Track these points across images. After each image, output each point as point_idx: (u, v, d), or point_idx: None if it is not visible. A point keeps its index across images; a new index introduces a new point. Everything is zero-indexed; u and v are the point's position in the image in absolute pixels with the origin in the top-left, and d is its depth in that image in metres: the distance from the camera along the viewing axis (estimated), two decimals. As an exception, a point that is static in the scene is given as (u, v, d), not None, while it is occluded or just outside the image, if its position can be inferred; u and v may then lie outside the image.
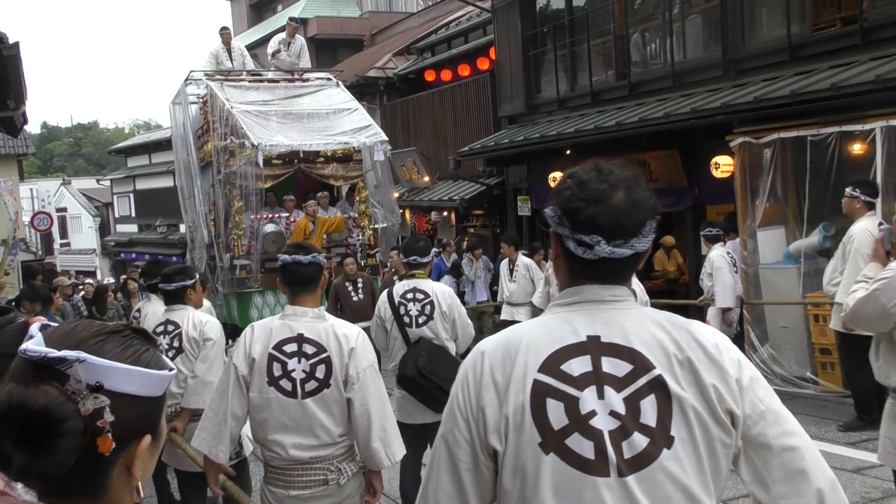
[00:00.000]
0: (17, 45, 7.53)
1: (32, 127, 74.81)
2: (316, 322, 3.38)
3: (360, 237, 12.03)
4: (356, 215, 12.19)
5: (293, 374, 3.30)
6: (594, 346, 1.58)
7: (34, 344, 1.07)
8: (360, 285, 9.95)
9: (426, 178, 17.71)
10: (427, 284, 5.29)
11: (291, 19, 14.99)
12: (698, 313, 8.99)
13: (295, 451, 3.30)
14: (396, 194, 15.50)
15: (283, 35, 13.97)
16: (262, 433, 3.35)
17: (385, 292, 5.44)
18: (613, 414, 1.53)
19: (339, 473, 3.34)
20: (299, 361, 3.30)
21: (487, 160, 15.53)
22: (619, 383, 1.55)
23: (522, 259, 10.34)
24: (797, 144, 8.33)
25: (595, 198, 1.60)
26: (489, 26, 16.18)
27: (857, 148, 7.87)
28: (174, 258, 26.01)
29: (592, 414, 1.53)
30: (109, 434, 1.05)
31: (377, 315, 5.43)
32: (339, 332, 3.35)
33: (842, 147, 7.87)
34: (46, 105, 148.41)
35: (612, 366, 1.57)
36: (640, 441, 1.52)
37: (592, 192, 1.60)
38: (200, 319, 4.91)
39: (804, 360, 8.20)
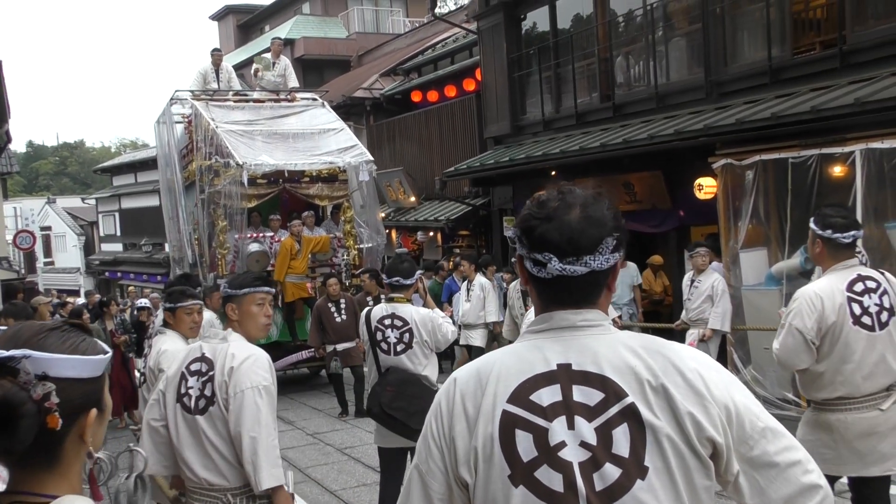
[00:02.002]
0: (-1, 63, 7.53)
1: (18, 146, 74.57)
2: (218, 343, 3.48)
3: (345, 257, 12.01)
4: (341, 235, 12.18)
5: (191, 392, 3.43)
6: (565, 375, 1.55)
7: None
8: (342, 306, 9.92)
9: (412, 199, 17.72)
10: (406, 310, 5.09)
11: (276, 39, 15.03)
12: (680, 337, 8.99)
13: (198, 468, 3.38)
14: (382, 214, 15.48)
15: (266, 54, 13.99)
16: (177, 452, 3.46)
17: (363, 314, 5.32)
18: (584, 445, 1.50)
19: None
20: (197, 379, 3.43)
21: (473, 181, 15.56)
22: (590, 413, 1.52)
23: (479, 279, 10.30)
24: (778, 166, 8.39)
25: (549, 215, 1.59)
26: (475, 48, 16.27)
27: (837, 170, 7.94)
28: (158, 278, 25.90)
29: (562, 445, 1.51)
30: (56, 413, 1.25)
31: (360, 336, 5.39)
32: (229, 352, 3.42)
33: (822, 169, 7.93)
34: (32, 124, 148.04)
35: (583, 395, 1.53)
36: (611, 472, 1.48)
37: (548, 210, 1.60)
38: (161, 348, 4.60)
39: (787, 382, 8.21)
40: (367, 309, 5.39)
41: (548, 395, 1.54)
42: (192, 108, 12.69)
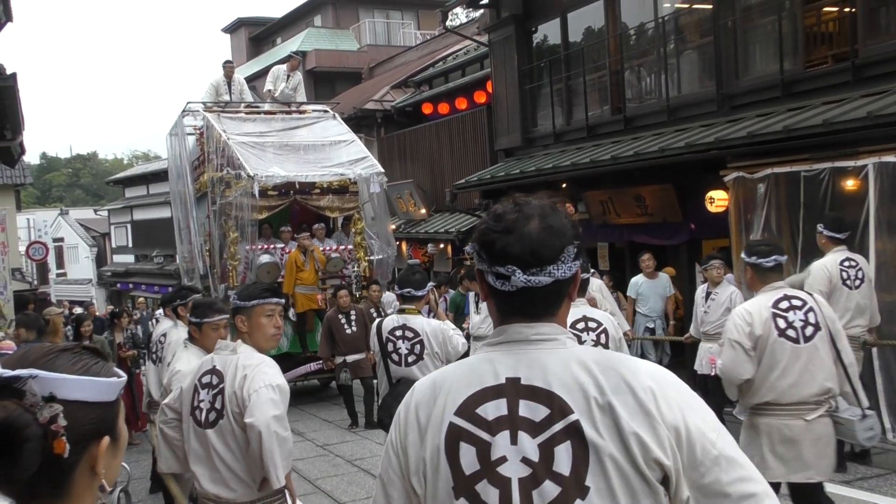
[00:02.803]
0: (13, 76, 7.59)
1: (32, 158, 75.13)
2: (228, 355, 3.48)
3: (356, 269, 12.02)
4: (352, 247, 12.19)
5: (202, 405, 3.44)
6: (512, 389, 1.54)
7: None
8: (353, 317, 9.92)
9: (422, 211, 17.74)
10: (417, 322, 5.14)
11: (295, 53, 15.12)
12: (691, 349, 8.94)
13: (206, 482, 3.39)
14: (393, 226, 15.51)
15: (283, 66, 14.05)
16: (190, 464, 3.48)
17: (374, 325, 5.34)
18: (526, 461, 1.49)
19: None
20: (207, 392, 3.43)
21: (484, 193, 15.56)
22: (534, 428, 1.50)
23: None
24: (791, 180, 8.36)
25: (508, 228, 1.57)
26: (486, 60, 16.30)
27: (849, 184, 7.90)
28: (170, 289, 25.95)
29: (503, 460, 1.50)
30: (64, 437, 1.16)
31: (371, 346, 5.39)
32: (239, 364, 3.41)
33: (835, 183, 7.90)
34: (46, 136, 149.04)
35: (529, 410, 1.51)
36: (550, 490, 1.46)
37: (506, 222, 1.58)
38: (175, 368, 4.64)
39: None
40: (378, 320, 5.41)
41: (493, 409, 1.53)
42: (204, 120, 12.77)
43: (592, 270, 4.47)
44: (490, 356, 1.61)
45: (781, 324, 4.20)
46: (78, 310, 17.78)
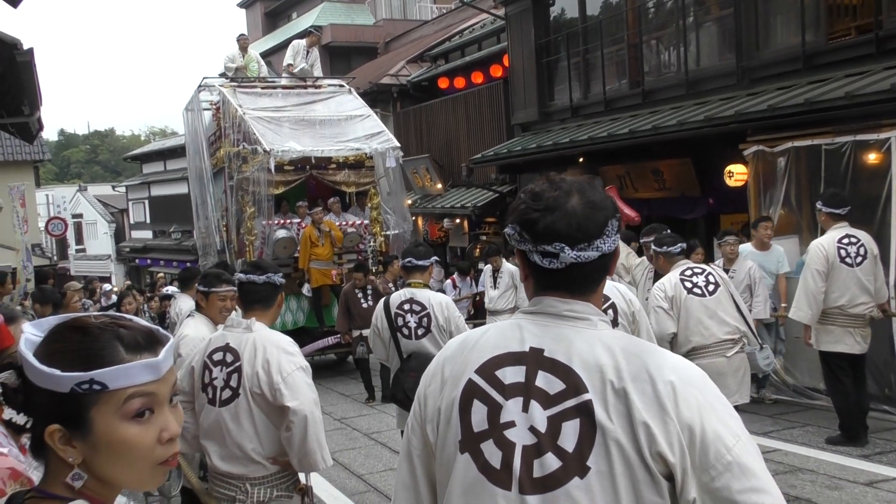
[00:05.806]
0: (30, 51, 7.57)
1: (50, 134, 75.59)
2: (243, 332, 3.42)
3: (372, 244, 12.02)
4: (367, 222, 12.19)
5: (215, 382, 3.39)
6: (534, 359, 1.56)
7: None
8: (369, 292, 9.94)
9: (438, 186, 17.70)
10: (423, 295, 5.17)
11: (316, 29, 15.05)
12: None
13: (217, 459, 3.38)
14: (409, 201, 15.49)
15: (303, 41, 13.98)
16: (201, 439, 3.47)
17: (381, 302, 5.32)
18: (533, 430, 1.51)
19: (245, 495, 3.34)
20: (221, 370, 3.38)
21: (500, 167, 15.51)
22: (547, 400, 1.52)
23: (507, 266, 10.30)
24: (811, 153, 8.26)
25: (550, 206, 1.57)
26: (503, 34, 16.17)
27: (871, 157, 7.79)
28: (188, 264, 26.14)
29: (511, 425, 1.53)
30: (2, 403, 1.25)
31: (374, 325, 5.33)
32: (258, 342, 3.35)
33: (856, 156, 7.79)
34: (64, 112, 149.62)
35: (545, 381, 1.53)
36: (551, 462, 1.48)
37: (547, 200, 1.58)
38: (182, 333, 4.54)
39: (817, 372, 8.09)
40: (384, 298, 5.41)
41: (512, 374, 1.56)
42: (220, 95, 12.75)
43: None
44: (521, 323, 1.63)
45: (688, 285, 5.56)
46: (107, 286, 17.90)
